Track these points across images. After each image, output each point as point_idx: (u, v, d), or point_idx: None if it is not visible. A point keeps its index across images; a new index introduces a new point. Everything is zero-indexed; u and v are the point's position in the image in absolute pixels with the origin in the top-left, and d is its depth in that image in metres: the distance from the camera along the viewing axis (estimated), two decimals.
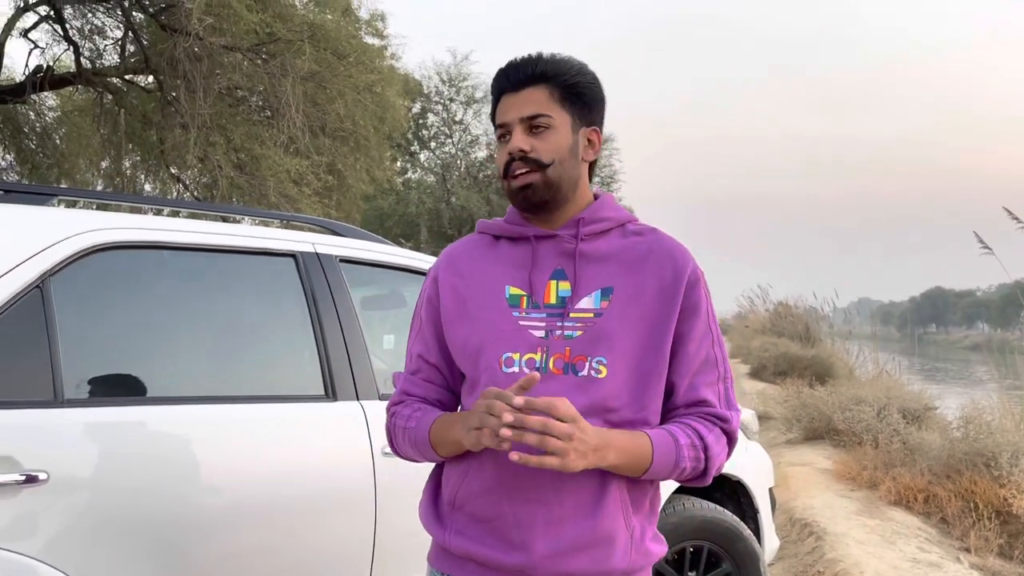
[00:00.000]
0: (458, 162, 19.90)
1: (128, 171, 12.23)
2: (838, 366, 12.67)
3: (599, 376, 1.36)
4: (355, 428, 2.35)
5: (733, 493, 3.41)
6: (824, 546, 4.33)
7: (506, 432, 1.22)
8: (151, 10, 8.43)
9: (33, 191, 2.18)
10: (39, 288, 1.93)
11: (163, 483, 1.97)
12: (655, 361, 1.39)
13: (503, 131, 1.45)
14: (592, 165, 1.52)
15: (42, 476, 1.79)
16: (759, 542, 3.32)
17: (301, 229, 3.02)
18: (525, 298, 1.43)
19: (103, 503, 1.88)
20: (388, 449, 2.37)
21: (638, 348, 1.38)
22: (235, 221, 2.92)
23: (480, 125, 19.81)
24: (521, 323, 1.41)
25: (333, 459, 2.29)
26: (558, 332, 1.39)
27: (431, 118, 19.84)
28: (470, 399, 1.46)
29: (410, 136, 19.05)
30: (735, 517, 3.19)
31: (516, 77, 1.43)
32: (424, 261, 2.91)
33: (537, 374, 1.25)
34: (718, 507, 3.16)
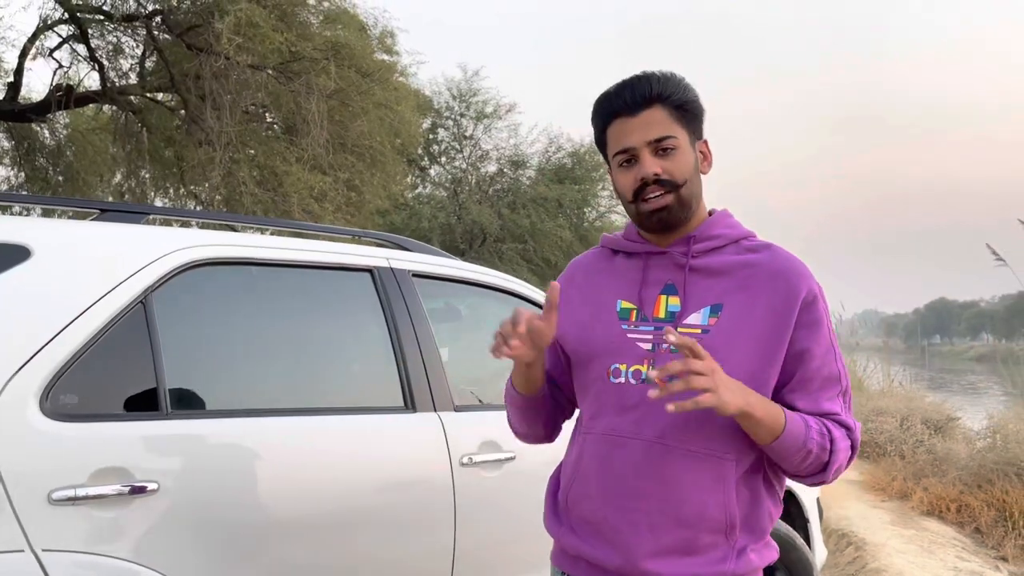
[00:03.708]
0: (468, 177, 19.99)
1: (136, 189, 12.29)
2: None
3: None
4: (434, 439, 2.40)
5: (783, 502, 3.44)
6: (865, 556, 4.36)
7: (654, 383, 1.28)
8: (176, 31, 8.53)
9: (128, 210, 2.24)
10: (142, 303, 1.98)
11: (261, 492, 2.02)
12: (763, 381, 1.37)
13: (627, 156, 1.44)
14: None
15: (151, 486, 1.84)
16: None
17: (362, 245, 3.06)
18: (635, 311, 1.46)
19: (208, 512, 1.93)
20: (467, 459, 2.44)
21: (745, 366, 1.36)
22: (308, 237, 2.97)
23: (490, 140, 19.91)
24: (629, 335, 1.45)
25: (415, 469, 2.34)
26: (665, 345, 1.40)
27: (441, 133, 19.95)
28: (583, 403, 1.53)
29: (421, 151, 19.15)
30: (788, 526, 3.22)
31: (633, 99, 1.42)
32: (489, 275, 2.96)
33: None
34: None
